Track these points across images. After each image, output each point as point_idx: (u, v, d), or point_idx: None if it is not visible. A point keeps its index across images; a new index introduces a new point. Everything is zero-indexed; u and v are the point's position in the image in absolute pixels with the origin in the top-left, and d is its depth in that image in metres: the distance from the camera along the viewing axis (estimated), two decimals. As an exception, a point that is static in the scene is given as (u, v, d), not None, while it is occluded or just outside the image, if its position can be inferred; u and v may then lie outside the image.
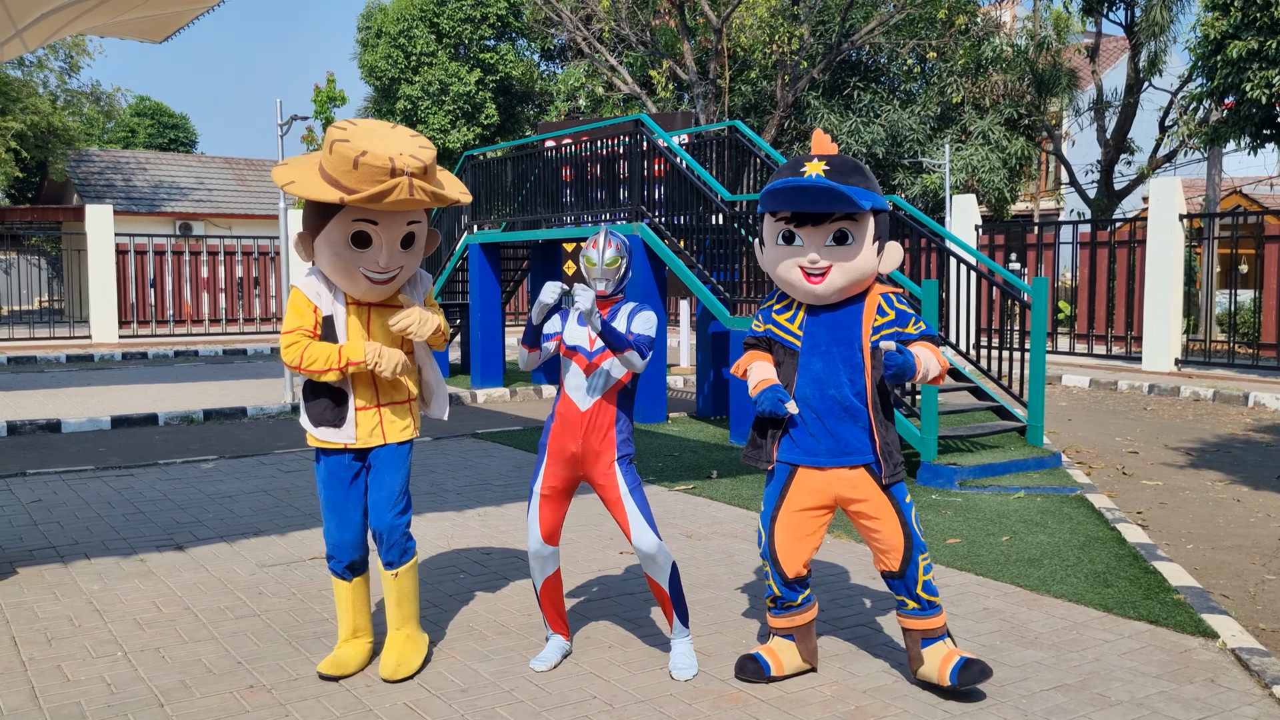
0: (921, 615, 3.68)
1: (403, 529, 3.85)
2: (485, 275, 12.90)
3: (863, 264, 3.57)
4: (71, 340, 20.20)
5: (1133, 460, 8.53)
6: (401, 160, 3.43)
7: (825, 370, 3.63)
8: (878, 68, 25.80)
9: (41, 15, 5.22)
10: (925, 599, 3.67)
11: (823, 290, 3.59)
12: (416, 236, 3.70)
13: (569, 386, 3.80)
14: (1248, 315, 16.72)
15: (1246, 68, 13.24)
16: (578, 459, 3.79)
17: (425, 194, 3.48)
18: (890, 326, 3.61)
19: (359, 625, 3.94)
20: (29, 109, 26.00)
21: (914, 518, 3.69)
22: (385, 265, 3.63)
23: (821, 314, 3.67)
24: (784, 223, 3.60)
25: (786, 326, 3.73)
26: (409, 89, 28.83)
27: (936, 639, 3.69)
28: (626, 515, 3.76)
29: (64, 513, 6.46)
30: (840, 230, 3.54)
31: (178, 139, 44.48)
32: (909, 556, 3.64)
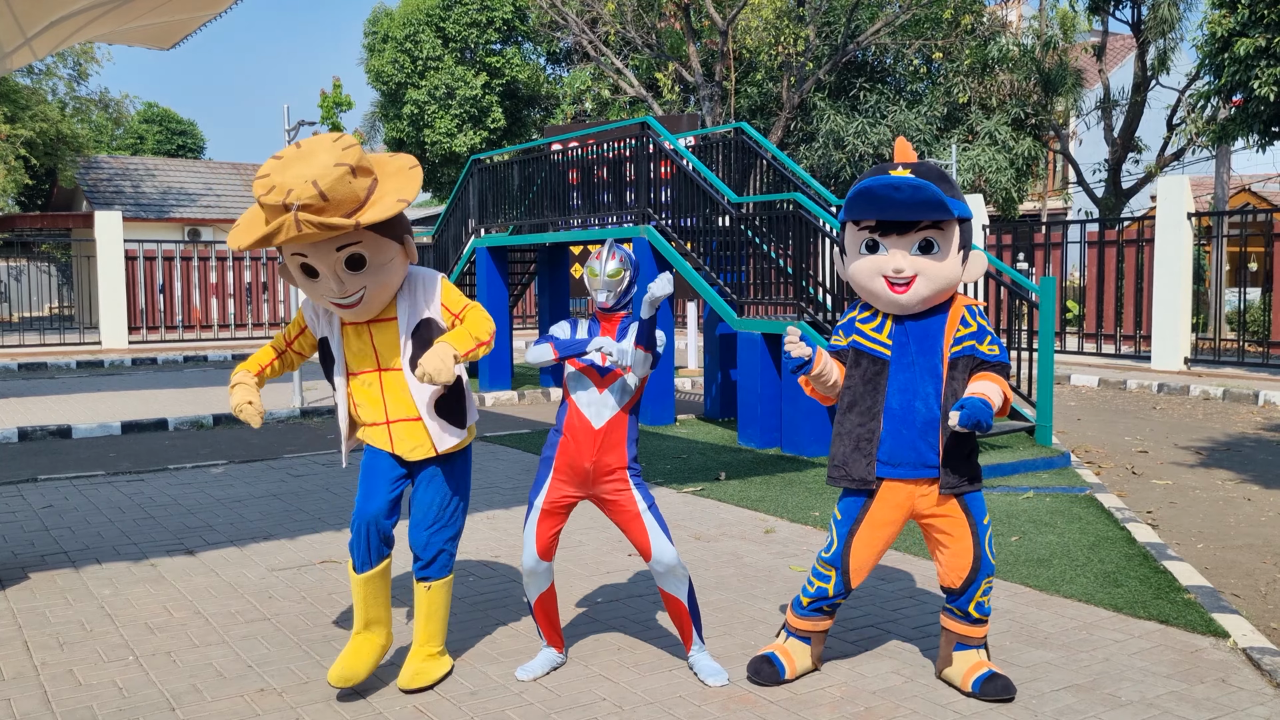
0: (966, 623, 3.70)
1: (439, 546, 3.78)
2: (493, 279, 12.92)
3: (948, 273, 3.52)
4: (81, 346, 20.28)
5: (1142, 460, 8.50)
6: (297, 192, 3.25)
7: (911, 381, 3.59)
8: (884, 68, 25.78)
9: (50, 23, 5.25)
10: (976, 616, 3.69)
11: (907, 300, 3.54)
12: (365, 255, 3.49)
13: (581, 403, 3.73)
14: (1257, 313, 16.65)
15: (1254, 65, 13.20)
16: (589, 476, 3.74)
17: (313, 226, 3.26)
18: (970, 339, 3.56)
19: (373, 616, 3.82)
20: (38, 116, 26.12)
21: (987, 539, 3.64)
22: (340, 292, 3.53)
23: (908, 323, 3.61)
24: (868, 231, 3.53)
25: (874, 336, 3.66)
26: (416, 93, 28.88)
27: (971, 647, 3.71)
28: (646, 531, 3.73)
29: (75, 518, 6.49)
30: (926, 239, 3.48)
31: (186, 145, 44.65)
32: (973, 578, 3.63)
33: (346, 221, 3.32)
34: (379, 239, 3.53)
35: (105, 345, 20.27)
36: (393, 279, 3.62)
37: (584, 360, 3.73)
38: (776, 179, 10.31)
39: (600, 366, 3.71)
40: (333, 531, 6.10)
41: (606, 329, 3.78)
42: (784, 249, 9.02)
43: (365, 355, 3.72)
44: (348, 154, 3.41)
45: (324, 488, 7.36)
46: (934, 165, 3.57)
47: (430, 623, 3.83)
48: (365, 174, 3.46)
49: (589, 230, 11.33)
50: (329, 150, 3.42)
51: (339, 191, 3.33)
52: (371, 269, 3.53)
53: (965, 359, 3.57)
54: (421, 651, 3.83)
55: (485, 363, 12.90)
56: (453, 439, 3.77)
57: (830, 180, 23.72)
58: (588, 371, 3.73)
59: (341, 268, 3.49)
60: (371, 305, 3.62)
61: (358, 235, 3.47)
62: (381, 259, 3.55)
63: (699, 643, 3.87)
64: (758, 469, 7.87)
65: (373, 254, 3.52)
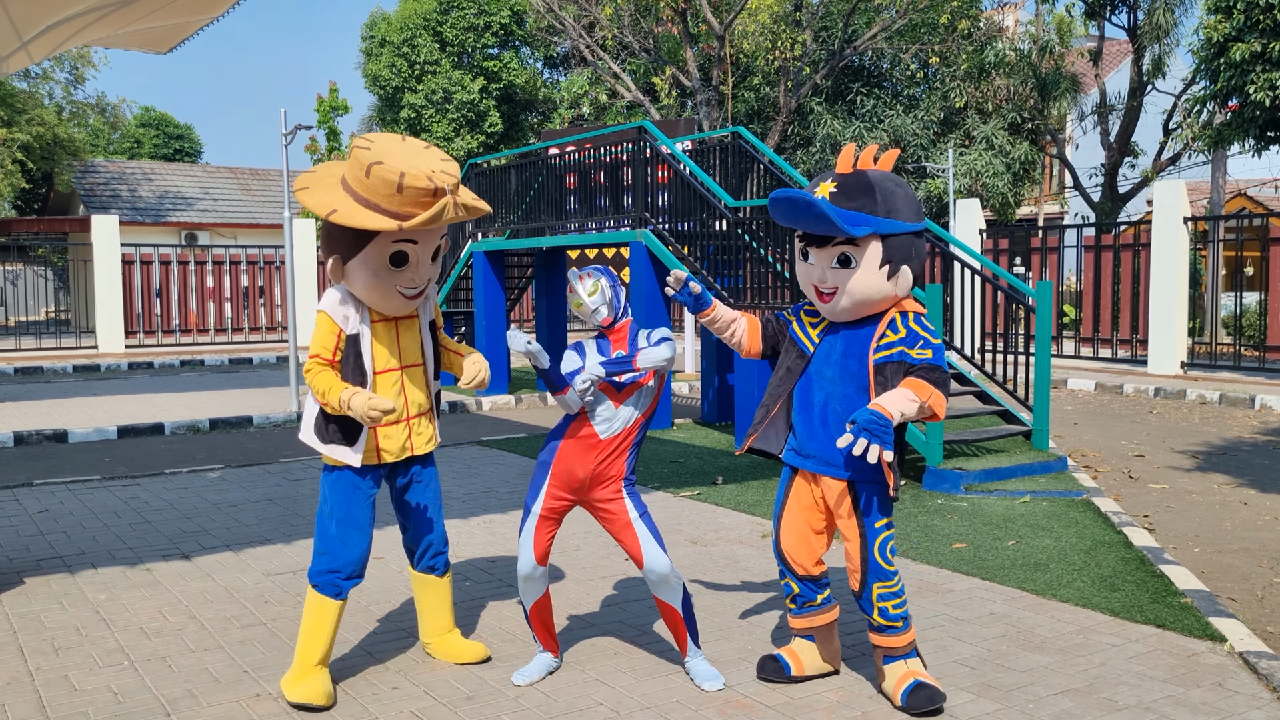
0: (881, 633, 3.66)
1: (444, 535, 4.07)
2: (490, 283, 12.92)
3: (866, 289, 3.53)
4: (78, 350, 20.25)
5: (1139, 464, 8.51)
6: (437, 178, 3.46)
7: (832, 381, 3.65)
8: (880, 73, 25.81)
9: (47, 27, 5.24)
10: (880, 622, 3.64)
11: (829, 309, 3.65)
12: (441, 247, 3.79)
13: (593, 414, 3.72)
14: (1253, 318, 16.68)
15: (1250, 70, 13.23)
16: (584, 484, 3.74)
17: (465, 209, 3.57)
18: (898, 345, 3.55)
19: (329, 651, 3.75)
20: (35, 120, 26.10)
21: (878, 547, 3.62)
22: (420, 281, 3.69)
23: (841, 329, 3.69)
24: (800, 240, 3.66)
25: (808, 331, 3.78)
26: (413, 98, 28.89)
27: (897, 658, 3.66)
28: (638, 539, 3.73)
29: (71, 523, 6.47)
30: (843, 254, 3.53)
31: (183, 149, 44.62)
32: (865, 582, 3.64)
33: (483, 204, 3.67)
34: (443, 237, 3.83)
35: (101, 349, 20.24)
36: (438, 273, 3.87)
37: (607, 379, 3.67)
38: (773, 183, 10.32)
39: (617, 382, 3.71)
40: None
41: (616, 343, 3.77)
42: (781, 253, 9.03)
43: (391, 352, 3.78)
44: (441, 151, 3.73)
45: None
46: (865, 178, 3.52)
47: (449, 605, 4.10)
48: None
49: (586, 234, 11.34)
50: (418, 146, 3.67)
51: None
52: (438, 261, 3.80)
53: (894, 364, 3.55)
54: (454, 635, 4.10)
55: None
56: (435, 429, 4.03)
57: (827, 184, 23.73)
58: (605, 388, 3.72)
59: (429, 256, 3.72)
60: (426, 295, 3.83)
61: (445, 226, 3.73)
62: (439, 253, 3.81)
63: (695, 648, 3.87)
64: (755, 473, 7.86)
65: (444, 247, 3.83)
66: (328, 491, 3.79)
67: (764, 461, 8.35)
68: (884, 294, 3.57)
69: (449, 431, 10.29)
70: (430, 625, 4.09)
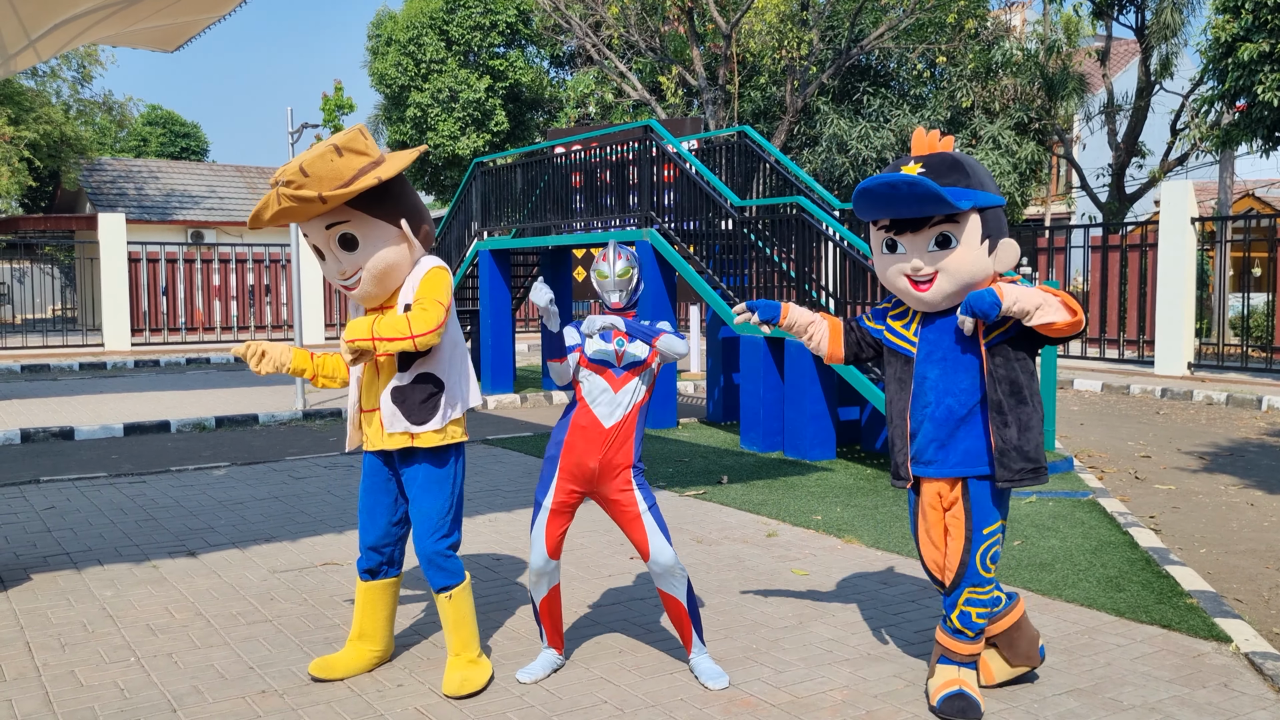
0: (949, 636, 3.60)
1: (444, 552, 3.74)
2: (495, 282, 12.93)
3: (971, 266, 3.40)
4: (84, 348, 20.31)
5: (1145, 464, 8.49)
6: (282, 172, 3.45)
7: (942, 378, 3.50)
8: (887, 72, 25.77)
9: (54, 25, 5.26)
10: (956, 625, 3.58)
11: (930, 298, 3.47)
12: (357, 237, 3.54)
13: (594, 402, 3.75)
14: (1261, 318, 16.63)
15: (1258, 70, 13.20)
16: (594, 475, 3.75)
17: (287, 200, 3.43)
18: (1007, 321, 3.42)
19: (366, 629, 3.92)
20: (42, 119, 26.16)
21: (981, 552, 3.53)
22: (339, 271, 3.63)
23: (938, 319, 3.53)
24: (884, 230, 3.48)
25: (901, 333, 3.62)
26: (419, 96, 28.91)
27: (953, 662, 3.60)
28: (645, 532, 3.75)
29: (77, 519, 6.49)
30: (942, 234, 3.37)
31: (189, 148, 44.70)
32: (958, 583, 3.56)
33: (308, 192, 3.41)
34: (370, 220, 3.55)
35: (108, 347, 20.29)
36: (391, 264, 3.61)
37: (605, 364, 3.73)
38: (780, 183, 10.31)
39: (616, 366, 3.73)
40: (334, 534, 6.10)
41: (619, 330, 3.79)
42: (787, 252, 9.03)
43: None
44: (340, 136, 3.52)
45: (325, 490, 7.36)
46: (949, 156, 3.44)
47: (460, 630, 3.80)
48: (357, 155, 3.51)
49: (592, 233, 11.34)
50: (333, 140, 3.55)
51: (319, 168, 3.43)
52: (364, 249, 3.57)
53: (1013, 337, 3.44)
54: (461, 659, 3.81)
55: (487, 366, 12.91)
56: (405, 428, 3.66)
57: (833, 184, 23.73)
58: (603, 372, 3.75)
59: (335, 246, 3.59)
60: (370, 289, 3.63)
61: (345, 214, 3.54)
62: (373, 239, 3.57)
63: (699, 645, 3.87)
64: (760, 473, 7.86)
65: (364, 234, 3.56)
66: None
67: (768, 461, 8.34)
68: (986, 272, 3.44)
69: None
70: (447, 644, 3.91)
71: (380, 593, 3.91)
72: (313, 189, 3.42)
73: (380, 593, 3.91)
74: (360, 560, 3.91)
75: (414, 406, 3.67)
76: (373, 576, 3.90)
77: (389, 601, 3.94)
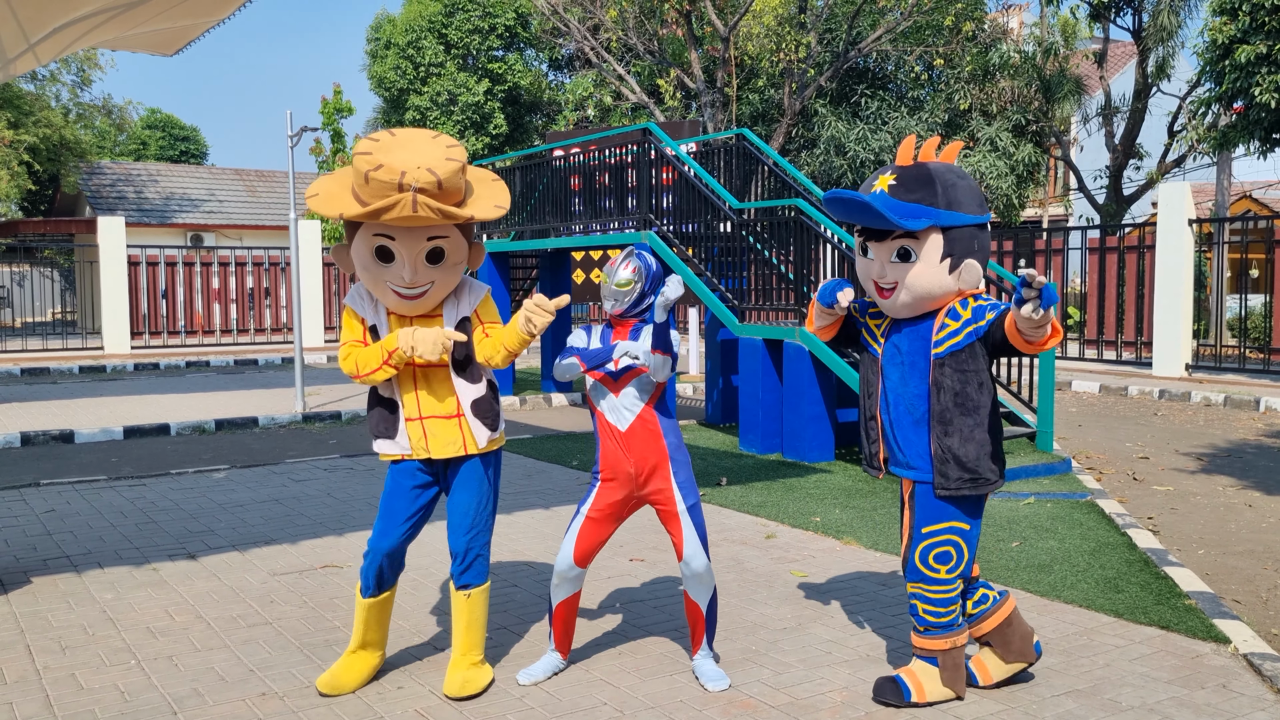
0: (915, 631, 3.72)
1: (478, 550, 3.77)
2: (494, 284, 12.94)
3: (927, 283, 3.48)
4: (84, 351, 20.30)
5: (1143, 465, 8.50)
6: (412, 175, 3.34)
7: (900, 381, 3.62)
8: (885, 75, 25.80)
9: (54, 29, 5.27)
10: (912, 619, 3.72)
11: (888, 305, 3.60)
12: (446, 251, 3.59)
13: (603, 409, 3.79)
14: (1259, 320, 16.66)
15: (1255, 72, 13.22)
16: (634, 477, 3.77)
17: (431, 211, 3.37)
18: (961, 330, 3.50)
19: (369, 639, 3.89)
20: (41, 122, 26.18)
21: (920, 550, 3.59)
22: (410, 280, 3.57)
23: (905, 326, 3.63)
24: (859, 235, 3.63)
25: (874, 332, 3.75)
26: (418, 99, 28.93)
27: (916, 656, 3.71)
28: (682, 533, 3.77)
29: (77, 522, 6.50)
30: (903, 248, 3.47)
31: (189, 151, 44.72)
32: (904, 575, 3.71)
33: (462, 211, 3.46)
34: (461, 240, 3.64)
35: (108, 350, 20.29)
36: (455, 279, 3.71)
37: (601, 369, 3.75)
38: (778, 185, 10.33)
39: (613, 370, 3.74)
40: (334, 536, 6.11)
41: (619, 334, 3.81)
42: (785, 255, 9.04)
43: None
44: (456, 151, 3.53)
45: (326, 493, 7.37)
46: (926, 170, 3.47)
47: (471, 631, 3.80)
48: (465, 174, 3.57)
49: (591, 236, 11.36)
50: (434, 143, 3.52)
51: (452, 184, 3.44)
52: (446, 265, 3.63)
53: (961, 351, 3.50)
54: (465, 660, 3.81)
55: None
56: (487, 436, 3.77)
57: (831, 186, 23.75)
58: (603, 379, 3.77)
59: (422, 259, 3.57)
60: (430, 300, 3.67)
61: (447, 230, 3.58)
62: (457, 257, 3.65)
63: (706, 649, 3.89)
64: (759, 474, 7.87)
65: (452, 251, 3.62)
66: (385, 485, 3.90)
67: (767, 463, 8.35)
68: (945, 289, 3.50)
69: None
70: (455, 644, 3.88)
71: (385, 606, 3.89)
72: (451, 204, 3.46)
73: (385, 606, 3.89)
74: (369, 569, 3.80)
75: (491, 416, 3.79)
76: (379, 590, 3.83)
77: (389, 610, 3.93)
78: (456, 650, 3.82)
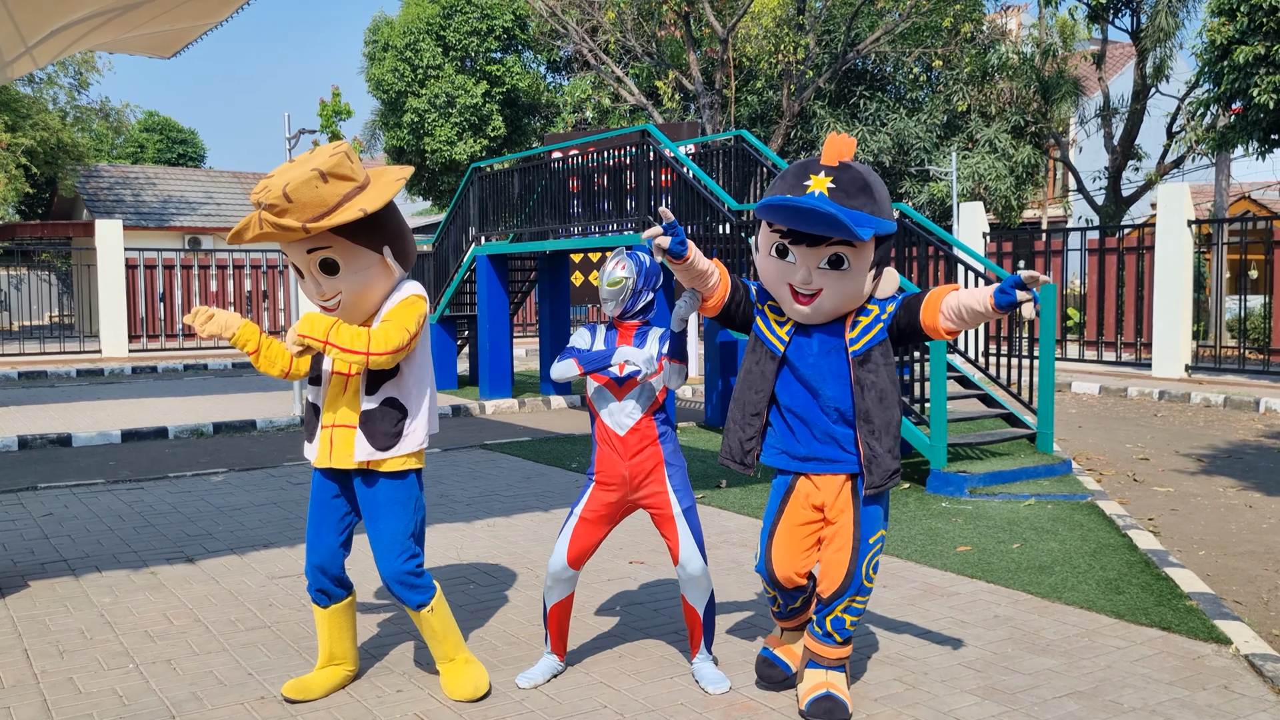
0: (820, 641, 3.58)
1: (409, 574, 3.64)
2: (493, 287, 12.93)
3: (854, 291, 3.42)
4: (82, 355, 20.28)
5: (1143, 467, 8.49)
6: (264, 195, 3.35)
7: (814, 378, 3.50)
8: (884, 76, 25.81)
9: (51, 32, 5.26)
10: (829, 631, 3.55)
11: (810, 312, 3.46)
12: (339, 263, 3.49)
13: (603, 413, 3.77)
14: (1258, 321, 16.65)
15: (1254, 73, 13.23)
16: (628, 481, 3.77)
17: (270, 225, 3.36)
18: (876, 325, 3.47)
19: (336, 653, 3.82)
20: (39, 125, 26.16)
21: (868, 559, 3.52)
22: (319, 293, 3.57)
23: (813, 329, 3.53)
24: (779, 235, 3.40)
25: (774, 328, 3.58)
26: (416, 102, 28.92)
27: (822, 666, 3.58)
28: (677, 536, 3.76)
29: (75, 526, 6.48)
30: (836, 255, 3.34)
31: (186, 154, 44.69)
32: (840, 592, 3.51)
33: (293, 224, 3.36)
34: (353, 246, 3.51)
35: (105, 353, 20.27)
36: (371, 288, 3.58)
37: (605, 373, 3.73)
38: (777, 187, 10.30)
39: (618, 376, 3.72)
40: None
41: (623, 336, 3.78)
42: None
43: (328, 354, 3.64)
44: (325, 161, 3.42)
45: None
46: (859, 175, 3.36)
47: (447, 639, 3.76)
48: (343, 180, 3.44)
49: (589, 238, 11.35)
50: (316, 157, 3.45)
51: (303, 195, 3.35)
52: (346, 275, 3.53)
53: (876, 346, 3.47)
54: (456, 663, 3.78)
55: (485, 370, 12.90)
56: (369, 454, 3.59)
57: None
58: (606, 383, 3.75)
59: (316, 270, 3.54)
60: (350, 312, 3.60)
61: (327, 239, 3.48)
62: (354, 266, 3.53)
63: (705, 652, 3.88)
64: (759, 477, 7.86)
65: (345, 260, 3.51)
66: None
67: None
68: (863, 297, 3.47)
69: (452, 435, 10.30)
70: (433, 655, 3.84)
71: (342, 615, 3.81)
72: (295, 218, 3.36)
73: (342, 615, 3.81)
74: (310, 583, 3.75)
75: (379, 433, 3.59)
76: (329, 600, 3.77)
77: (351, 621, 3.85)
78: (443, 658, 3.78)
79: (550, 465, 8.50)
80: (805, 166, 3.42)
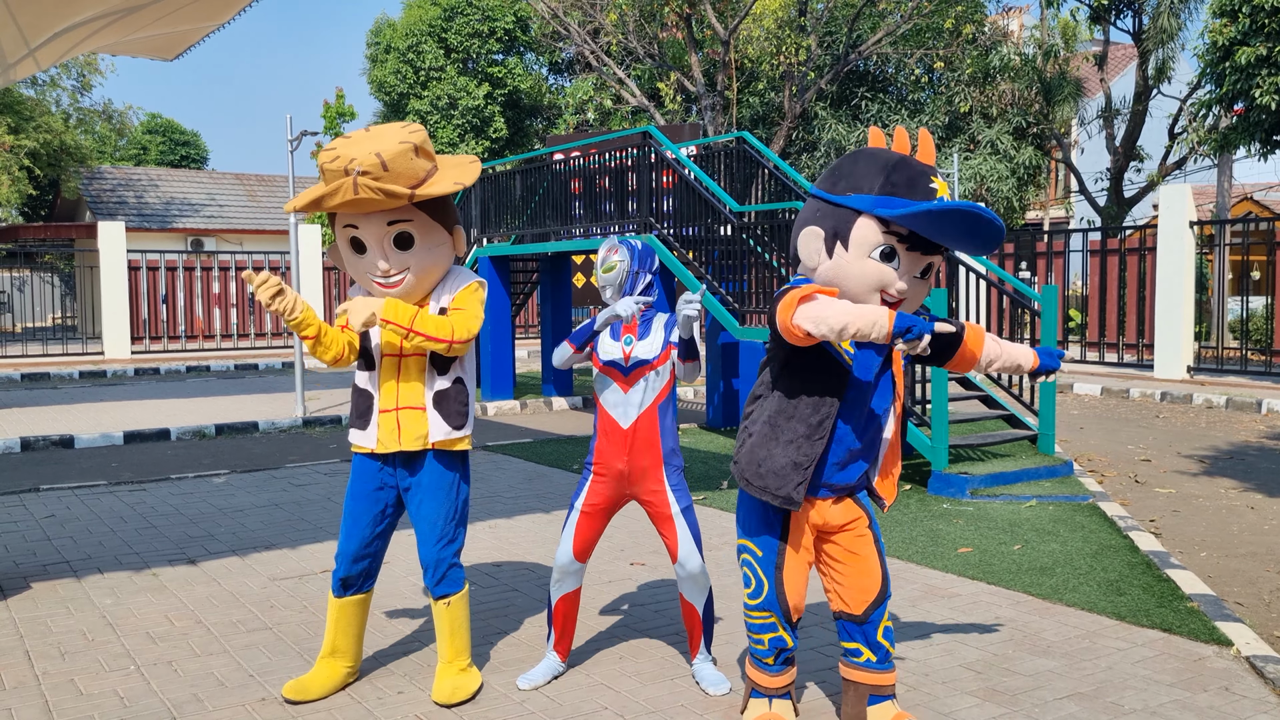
0: (874, 669, 3.30)
1: (449, 560, 3.71)
2: (495, 288, 12.94)
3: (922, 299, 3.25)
4: (84, 356, 20.30)
5: (1145, 468, 8.49)
6: (357, 161, 3.31)
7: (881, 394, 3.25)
8: (885, 78, 25.81)
9: (54, 34, 5.27)
10: (885, 647, 3.30)
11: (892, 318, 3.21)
12: (414, 235, 3.52)
13: (607, 404, 3.78)
14: (1260, 322, 16.64)
15: (1255, 74, 13.22)
16: (625, 476, 3.77)
17: (371, 190, 3.32)
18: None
19: (339, 646, 3.83)
20: (42, 127, 26.19)
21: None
22: (385, 269, 3.54)
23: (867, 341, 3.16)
24: (895, 239, 3.05)
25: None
26: (418, 104, 28.95)
27: (885, 697, 3.32)
28: (676, 535, 3.76)
29: (77, 527, 6.49)
30: (931, 263, 3.15)
31: (189, 156, 44.75)
32: (879, 600, 3.28)
33: (403, 190, 3.38)
34: (430, 222, 3.56)
35: (108, 355, 20.29)
36: (436, 267, 3.63)
37: (613, 364, 3.74)
38: (778, 188, 10.32)
39: (623, 365, 3.72)
40: (334, 541, 6.09)
41: (628, 328, 3.80)
42: (786, 258, 9.03)
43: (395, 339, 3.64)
44: (413, 135, 3.47)
45: (326, 497, 7.36)
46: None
47: (455, 638, 3.77)
48: (427, 157, 3.50)
49: (591, 239, 11.35)
50: (395, 131, 3.49)
51: (400, 165, 3.37)
52: (418, 251, 3.56)
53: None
54: (452, 667, 3.78)
55: (487, 372, 12.90)
56: (446, 434, 3.66)
57: (832, 189, 23.72)
58: (610, 372, 3.77)
59: (390, 244, 3.53)
60: (412, 290, 3.60)
61: (409, 213, 3.51)
62: (429, 242, 3.58)
63: (705, 652, 3.88)
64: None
65: (421, 235, 3.55)
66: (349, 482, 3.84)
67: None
68: None
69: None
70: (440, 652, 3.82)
71: (355, 608, 3.83)
72: (398, 184, 3.37)
73: (355, 608, 3.83)
74: (337, 570, 3.78)
75: (454, 412, 3.68)
76: (348, 591, 3.79)
77: (362, 617, 3.86)
78: (443, 658, 3.79)
79: (552, 467, 8.51)
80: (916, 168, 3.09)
